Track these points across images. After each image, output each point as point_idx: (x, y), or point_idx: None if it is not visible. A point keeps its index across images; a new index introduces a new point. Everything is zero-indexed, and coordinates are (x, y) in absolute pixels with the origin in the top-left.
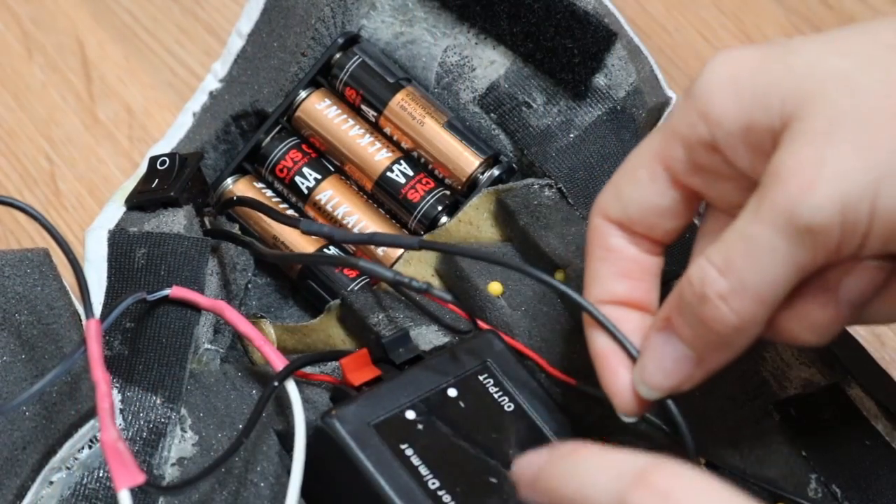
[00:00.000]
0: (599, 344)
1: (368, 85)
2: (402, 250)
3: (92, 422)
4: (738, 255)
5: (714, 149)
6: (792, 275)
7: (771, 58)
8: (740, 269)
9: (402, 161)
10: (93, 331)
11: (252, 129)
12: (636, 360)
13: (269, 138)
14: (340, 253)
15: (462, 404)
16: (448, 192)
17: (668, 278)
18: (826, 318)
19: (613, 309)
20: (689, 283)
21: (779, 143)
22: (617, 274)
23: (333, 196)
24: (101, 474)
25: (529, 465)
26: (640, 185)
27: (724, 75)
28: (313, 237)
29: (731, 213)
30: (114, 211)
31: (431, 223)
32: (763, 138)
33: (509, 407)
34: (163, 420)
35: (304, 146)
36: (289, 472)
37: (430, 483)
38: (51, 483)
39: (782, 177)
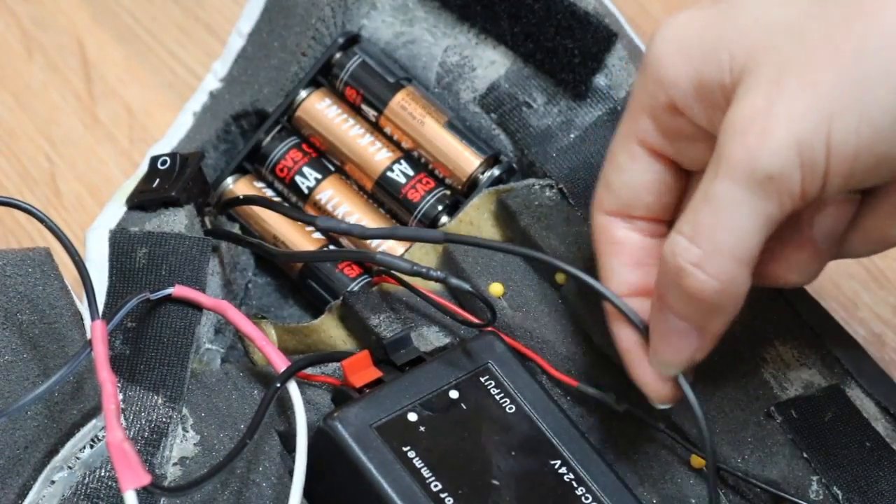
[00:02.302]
0: (623, 338)
1: (369, 84)
2: (402, 249)
3: (94, 421)
4: (705, 218)
5: (675, 111)
6: (762, 227)
7: (716, 16)
8: (709, 232)
9: (402, 161)
10: (98, 332)
11: (252, 128)
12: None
13: (269, 138)
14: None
15: (464, 406)
16: (448, 192)
17: None
18: (805, 257)
19: (632, 300)
20: (664, 258)
21: (732, 99)
22: (628, 264)
23: (334, 196)
24: (102, 474)
25: None
26: (623, 168)
27: (672, 39)
28: (314, 236)
29: None
30: (115, 210)
31: (431, 223)
32: (715, 94)
33: (511, 408)
34: (164, 420)
35: (304, 146)
36: (291, 473)
37: (432, 485)
38: (52, 482)
39: (737, 130)
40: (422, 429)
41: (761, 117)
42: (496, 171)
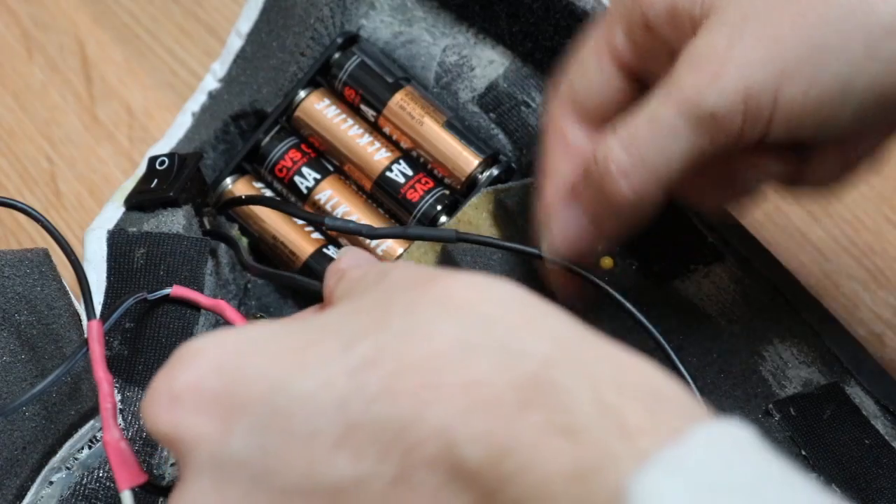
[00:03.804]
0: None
1: (367, 84)
2: (400, 250)
3: (92, 422)
4: (643, 133)
5: (648, 28)
6: (691, 157)
7: None
8: (642, 147)
9: (401, 161)
10: (94, 332)
11: (251, 128)
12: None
13: (268, 138)
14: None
15: None
16: (447, 192)
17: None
18: (731, 195)
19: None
20: (594, 155)
21: (697, 30)
22: (569, 156)
23: (333, 196)
24: (100, 474)
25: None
26: (589, 70)
27: None
28: (314, 236)
29: None
30: (113, 211)
31: (431, 223)
32: (684, 22)
33: None
34: None
35: (303, 146)
36: None
37: None
38: (51, 483)
39: (693, 63)
40: None
41: (718, 57)
42: (495, 171)
